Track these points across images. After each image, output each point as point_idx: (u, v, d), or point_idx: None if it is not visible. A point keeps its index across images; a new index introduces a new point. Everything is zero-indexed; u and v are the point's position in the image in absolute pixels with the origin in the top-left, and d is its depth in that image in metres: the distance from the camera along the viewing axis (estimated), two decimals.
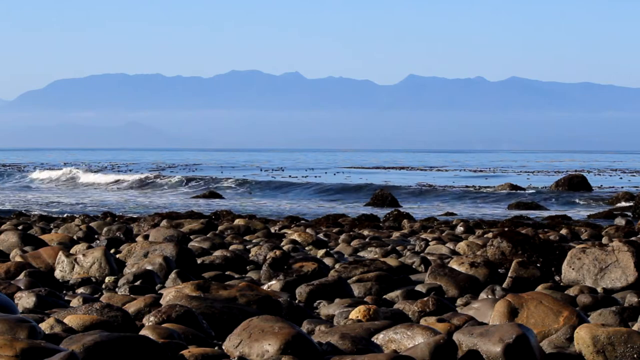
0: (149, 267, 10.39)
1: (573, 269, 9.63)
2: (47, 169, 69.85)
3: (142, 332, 6.57)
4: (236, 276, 10.85)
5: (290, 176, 60.25)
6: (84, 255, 10.69)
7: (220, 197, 39.94)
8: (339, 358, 6.11)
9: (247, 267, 11.46)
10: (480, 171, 73.85)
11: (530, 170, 75.38)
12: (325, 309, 8.58)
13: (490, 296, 9.02)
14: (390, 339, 6.56)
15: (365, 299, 8.97)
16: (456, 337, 6.34)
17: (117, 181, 56.42)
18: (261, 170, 75.10)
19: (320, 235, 16.80)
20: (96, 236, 15.76)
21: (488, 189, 42.40)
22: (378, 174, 69.43)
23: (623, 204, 32.72)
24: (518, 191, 39.66)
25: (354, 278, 9.91)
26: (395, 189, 42.15)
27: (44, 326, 6.79)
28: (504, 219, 23.98)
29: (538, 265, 9.94)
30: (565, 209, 31.59)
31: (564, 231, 18.05)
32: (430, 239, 15.80)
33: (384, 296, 9.26)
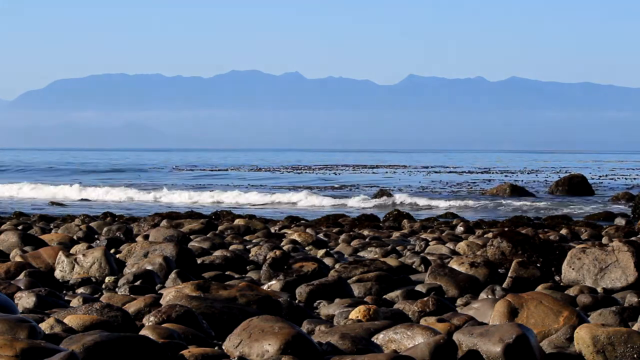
0: (149, 267, 10.39)
1: (573, 269, 9.63)
2: None
3: (142, 332, 6.57)
4: (236, 276, 10.85)
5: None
6: (84, 255, 10.69)
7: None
8: (339, 358, 6.11)
9: (247, 267, 11.45)
10: (480, 172, 73.85)
11: (530, 170, 75.38)
12: (325, 309, 8.57)
13: (490, 296, 9.02)
14: (390, 339, 6.56)
15: (365, 299, 8.97)
16: (456, 337, 6.34)
17: None
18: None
19: (320, 235, 16.79)
20: (96, 236, 15.75)
21: (488, 189, 42.39)
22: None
23: (623, 204, 32.71)
24: (518, 191, 39.63)
25: (354, 278, 9.91)
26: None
27: (44, 326, 6.79)
28: (504, 219, 23.97)
29: (538, 265, 9.94)
30: (566, 209, 31.58)
31: (564, 231, 18.04)
32: (430, 239, 15.79)
33: (384, 296, 9.26)
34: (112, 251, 11.98)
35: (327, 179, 58.85)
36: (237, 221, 19.49)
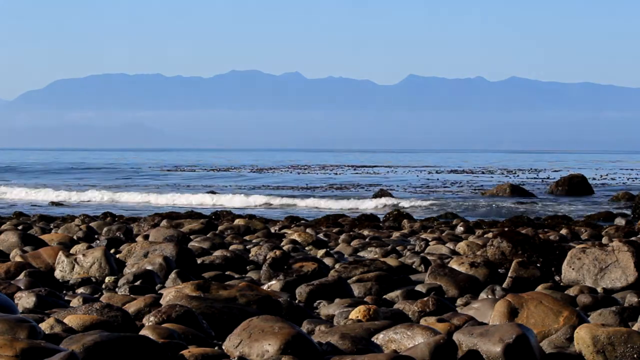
0: (149, 267, 10.39)
1: (573, 269, 9.63)
2: None
3: (142, 332, 6.57)
4: (236, 276, 10.84)
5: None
6: (84, 255, 10.69)
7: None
8: (339, 358, 6.11)
9: (247, 267, 11.45)
10: (481, 172, 73.86)
11: (530, 170, 75.40)
12: (325, 309, 8.57)
13: (490, 296, 9.02)
14: (390, 339, 6.56)
15: (365, 299, 8.97)
16: (456, 337, 6.34)
17: None
18: None
19: (320, 235, 16.79)
20: (96, 236, 15.75)
21: (488, 189, 42.38)
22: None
23: (623, 204, 32.71)
24: (518, 191, 39.62)
25: (354, 278, 9.91)
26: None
27: (44, 326, 6.79)
28: (503, 219, 23.97)
29: (538, 265, 9.94)
30: (565, 209, 31.60)
31: (564, 231, 18.04)
32: (430, 239, 15.79)
33: (384, 296, 9.26)
34: (112, 251, 11.98)
35: (326, 178, 58.84)
36: (237, 221, 19.49)
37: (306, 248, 14.30)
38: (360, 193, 41.68)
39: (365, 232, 18.22)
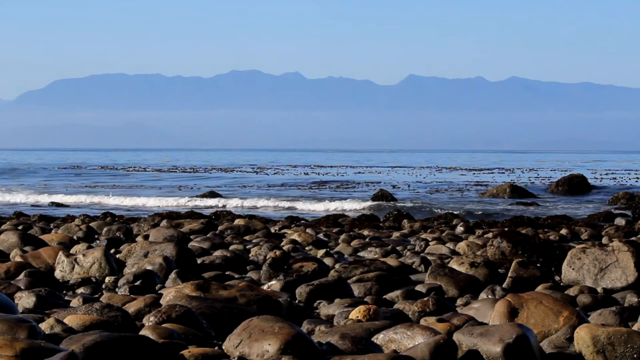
0: (149, 267, 10.39)
1: (573, 269, 9.63)
2: None
3: (142, 332, 6.57)
4: (236, 276, 10.84)
5: None
6: (84, 255, 10.68)
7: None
8: (339, 358, 6.11)
9: (247, 267, 11.45)
10: (481, 171, 73.85)
11: (530, 170, 75.39)
12: (325, 309, 8.57)
13: (490, 296, 9.02)
14: (390, 339, 6.56)
15: (365, 299, 8.97)
16: (456, 337, 6.34)
17: None
18: None
19: (320, 235, 16.79)
20: (96, 236, 15.75)
21: (488, 189, 42.37)
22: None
23: (622, 203, 32.71)
24: (518, 191, 39.61)
25: (354, 278, 9.91)
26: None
27: (44, 326, 6.79)
28: (503, 219, 23.96)
29: (538, 265, 9.94)
30: (565, 209, 31.59)
31: (564, 231, 18.04)
32: (430, 239, 15.78)
33: (384, 296, 9.26)
34: (112, 251, 11.98)
35: (326, 179, 58.85)
36: (237, 221, 19.49)
37: (306, 248, 14.30)
38: (364, 194, 41.66)
39: (365, 232, 18.21)
